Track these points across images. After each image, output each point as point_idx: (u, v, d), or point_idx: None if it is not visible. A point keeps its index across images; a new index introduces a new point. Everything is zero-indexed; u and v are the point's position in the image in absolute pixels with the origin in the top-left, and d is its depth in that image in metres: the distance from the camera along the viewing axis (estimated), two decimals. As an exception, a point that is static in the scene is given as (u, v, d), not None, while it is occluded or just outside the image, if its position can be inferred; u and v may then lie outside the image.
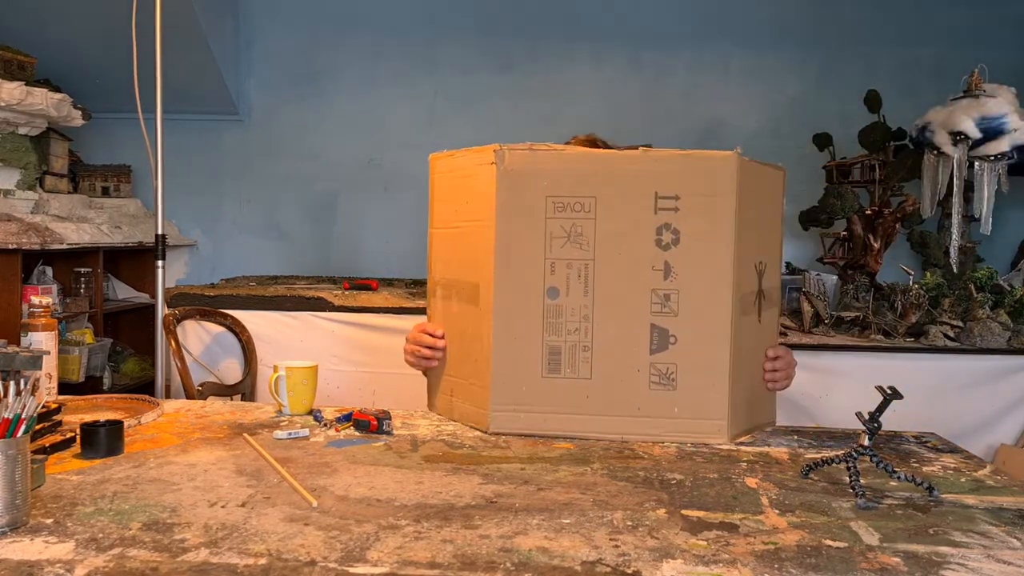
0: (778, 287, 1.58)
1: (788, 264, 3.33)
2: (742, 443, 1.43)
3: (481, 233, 1.44)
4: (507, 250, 1.40)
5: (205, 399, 2.27)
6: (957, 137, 2.76)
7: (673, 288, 1.38)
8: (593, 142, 1.85)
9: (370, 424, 1.44)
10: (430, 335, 1.57)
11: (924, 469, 1.30)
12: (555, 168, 1.39)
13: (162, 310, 2.68)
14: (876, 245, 2.88)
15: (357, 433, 1.44)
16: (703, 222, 1.37)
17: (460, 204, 1.51)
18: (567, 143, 1.87)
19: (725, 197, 1.37)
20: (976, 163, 2.82)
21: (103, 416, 1.48)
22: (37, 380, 1.23)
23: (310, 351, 2.75)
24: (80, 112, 3.28)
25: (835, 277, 3.02)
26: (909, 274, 2.78)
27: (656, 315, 1.38)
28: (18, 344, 1.44)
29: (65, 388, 2.56)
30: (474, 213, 1.46)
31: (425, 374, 1.67)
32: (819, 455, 1.34)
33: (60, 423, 1.37)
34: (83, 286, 3.37)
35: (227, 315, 2.76)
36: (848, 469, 1.15)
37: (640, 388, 1.39)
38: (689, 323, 1.38)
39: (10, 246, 2.86)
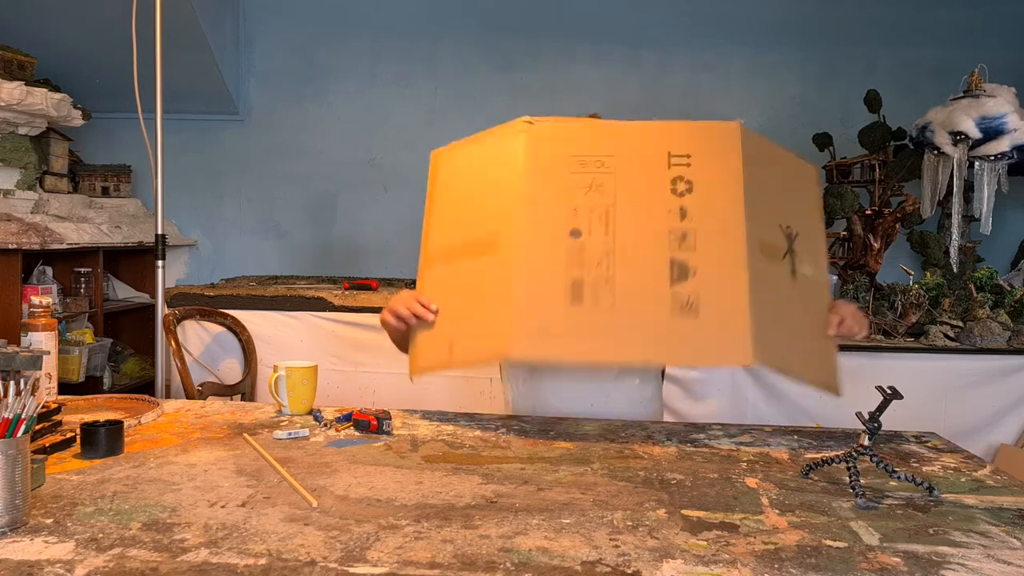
0: (822, 267, 1.61)
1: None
2: (742, 443, 1.43)
3: (501, 190, 1.51)
4: (532, 198, 1.47)
5: (205, 399, 2.27)
6: (957, 137, 2.76)
7: (690, 228, 1.43)
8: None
9: (370, 424, 1.44)
10: (422, 305, 1.54)
11: (924, 469, 1.30)
12: (577, 133, 1.52)
13: (162, 310, 2.68)
14: (876, 245, 2.88)
15: (357, 433, 1.44)
16: (714, 171, 1.45)
17: (474, 175, 1.60)
18: None
19: (732, 152, 1.45)
20: (976, 163, 2.82)
21: (103, 416, 1.48)
22: (37, 380, 1.23)
23: (310, 351, 2.76)
24: (80, 112, 3.28)
25: (835, 277, 3.02)
26: (909, 274, 2.78)
27: (675, 250, 1.43)
28: (18, 344, 1.44)
29: (65, 388, 2.56)
30: (492, 176, 1.55)
31: (403, 348, 1.64)
32: (819, 455, 1.35)
33: (60, 423, 1.37)
34: (83, 286, 3.37)
35: (227, 315, 2.76)
36: (848, 469, 1.15)
37: (662, 316, 1.41)
38: (706, 256, 1.42)
39: (10, 246, 2.86)
